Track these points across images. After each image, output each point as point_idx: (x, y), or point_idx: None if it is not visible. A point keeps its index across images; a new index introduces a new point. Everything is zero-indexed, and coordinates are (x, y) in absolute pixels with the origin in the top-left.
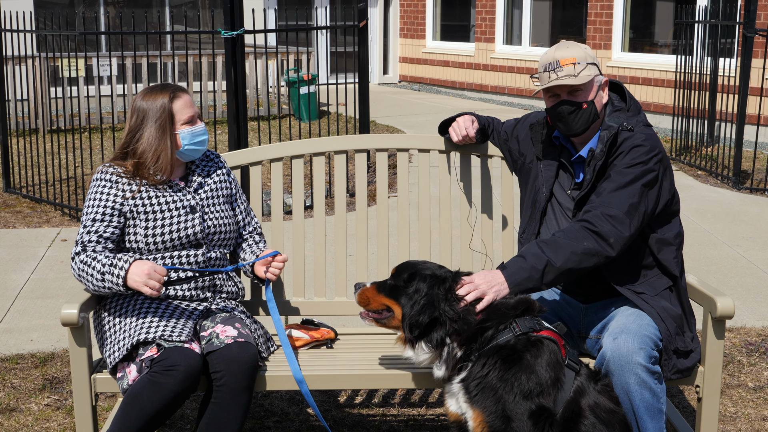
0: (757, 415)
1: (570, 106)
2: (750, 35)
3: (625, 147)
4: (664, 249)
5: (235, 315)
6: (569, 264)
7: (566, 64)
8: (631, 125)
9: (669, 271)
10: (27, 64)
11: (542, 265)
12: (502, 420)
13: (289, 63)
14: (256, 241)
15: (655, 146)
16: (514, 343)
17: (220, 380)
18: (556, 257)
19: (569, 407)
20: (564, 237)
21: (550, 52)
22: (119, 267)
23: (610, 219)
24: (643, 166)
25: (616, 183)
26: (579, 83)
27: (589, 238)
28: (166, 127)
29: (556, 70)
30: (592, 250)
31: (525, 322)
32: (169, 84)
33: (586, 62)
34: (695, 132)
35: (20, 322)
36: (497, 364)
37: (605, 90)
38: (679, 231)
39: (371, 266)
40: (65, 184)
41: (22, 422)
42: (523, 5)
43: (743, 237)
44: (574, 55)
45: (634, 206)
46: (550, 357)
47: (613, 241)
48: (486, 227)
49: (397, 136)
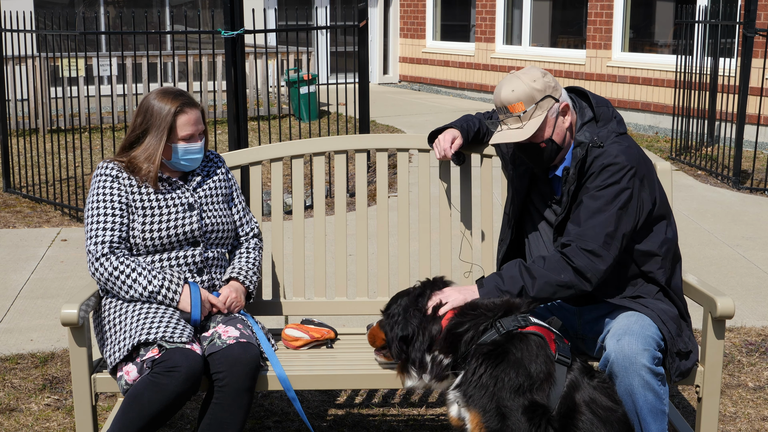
0: (757, 415)
1: (529, 149)
2: (750, 35)
3: (595, 167)
4: (649, 261)
5: (236, 315)
6: (543, 294)
7: (515, 111)
8: (600, 141)
9: (656, 281)
10: (27, 64)
11: (517, 290)
12: (498, 418)
13: (289, 63)
14: (249, 248)
15: (627, 161)
16: (498, 340)
17: (222, 381)
18: (531, 285)
19: (564, 403)
20: (543, 266)
21: (498, 91)
22: (173, 291)
23: (587, 254)
24: (615, 186)
25: (590, 209)
26: (524, 138)
27: (566, 270)
28: (163, 137)
29: (506, 117)
30: (568, 284)
31: (509, 321)
32: (183, 94)
33: (535, 102)
34: (695, 132)
35: (20, 322)
36: (483, 363)
37: (567, 114)
38: (665, 238)
39: (371, 266)
40: (65, 184)
41: (22, 422)
42: (523, 5)
43: (743, 237)
44: (520, 98)
45: (611, 235)
46: (538, 351)
47: (590, 276)
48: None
49: (397, 136)
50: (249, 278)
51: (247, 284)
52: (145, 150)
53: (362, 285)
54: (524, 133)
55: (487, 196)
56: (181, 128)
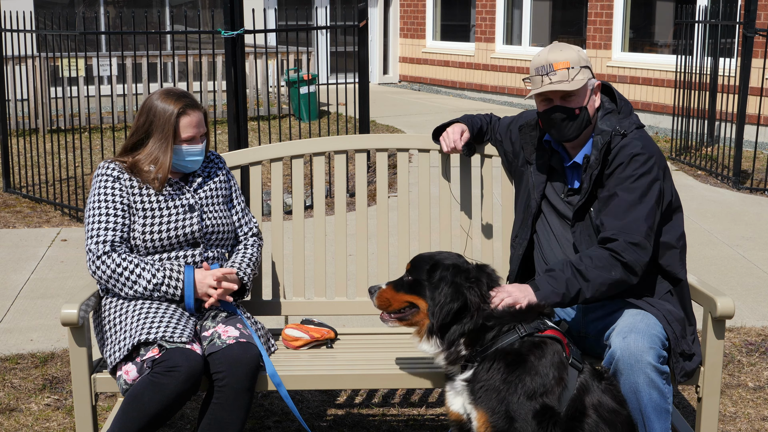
0: (757, 415)
1: (563, 113)
2: (750, 35)
3: (623, 156)
4: (667, 253)
5: (236, 315)
6: (597, 295)
7: (560, 68)
8: (624, 129)
9: (672, 275)
10: (27, 64)
11: (573, 292)
12: (506, 420)
13: (289, 63)
14: (247, 245)
15: (653, 151)
16: (518, 346)
17: (221, 381)
18: (587, 288)
19: (573, 405)
20: (593, 266)
21: (542, 55)
22: (175, 279)
23: (634, 248)
24: (647, 176)
25: (627, 201)
26: (573, 89)
27: (616, 266)
28: (169, 138)
29: (549, 74)
30: (619, 280)
31: (530, 325)
32: (186, 96)
33: (579, 66)
34: (695, 132)
35: (20, 322)
36: (501, 368)
37: (597, 94)
38: (681, 232)
39: (371, 266)
40: (65, 184)
41: (22, 422)
42: (523, 5)
43: (743, 237)
44: (568, 58)
45: (651, 227)
46: (554, 357)
47: (638, 269)
48: (486, 228)
49: (397, 136)
50: (243, 270)
51: (241, 275)
52: (149, 155)
53: (362, 285)
54: (573, 85)
55: (488, 195)
56: (183, 130)
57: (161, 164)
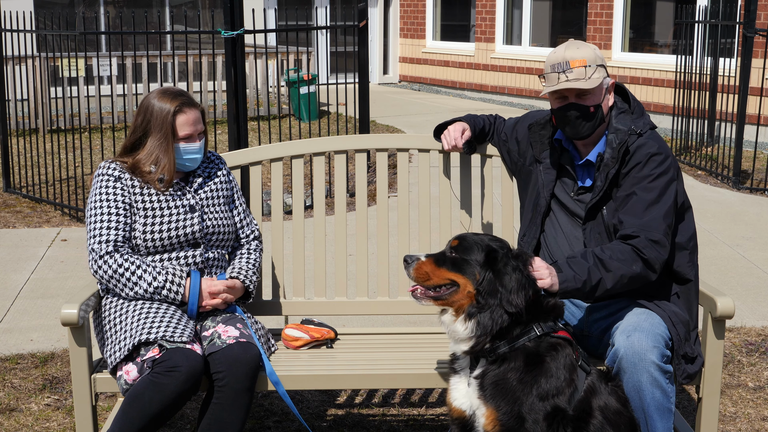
0: (757, 415)
1: (577, 110)
2: (750, 35)
3: (640, 156)
4: (678, 254)
5: (236, 315)
6: (617, 287)
7: (576, 66)
8: (639, 129)
9: (682, 276)
10: (27, 64)
11: (595, 281)
12: (516, 420)
13: (289, 63)
14: (250, 250)
15: (668, 151)
16: (536, 346)
17: (221, 381)
18: (608, 278)
19: (580, 407)
20: (615, 258)
21: (559, 52)
22: (177, 284)
23: (655, 245)
24: (665, 176)
25: (647, 200)
26: (589, 87)
27: (638, 262)
28: (169, 137)
29: (566, 71)
30: (640, 275)
31: (546, 325)
32: (183, 94)
33: (596, 64)
34: (695, 132)
35: (20, 322)
36: (519, 366)
37: (611, 93)
38: (693, 232)
39: (371, 266)
40: (65, 184)
41: (22, 422)
42: (523, 5)
43: (743, 237)
44: (585, 56)
45: (669, 226)
46: (566, 359)
47: (657, 267)
48: (486, 228)
49: (397, 136)
50: (249, 278)
51: (247, 283)
52: (149, 154)
53: (362, 285)
54: (589, 83)
55: (488, 195)
56: (180, 128)
57: (164, 165)
